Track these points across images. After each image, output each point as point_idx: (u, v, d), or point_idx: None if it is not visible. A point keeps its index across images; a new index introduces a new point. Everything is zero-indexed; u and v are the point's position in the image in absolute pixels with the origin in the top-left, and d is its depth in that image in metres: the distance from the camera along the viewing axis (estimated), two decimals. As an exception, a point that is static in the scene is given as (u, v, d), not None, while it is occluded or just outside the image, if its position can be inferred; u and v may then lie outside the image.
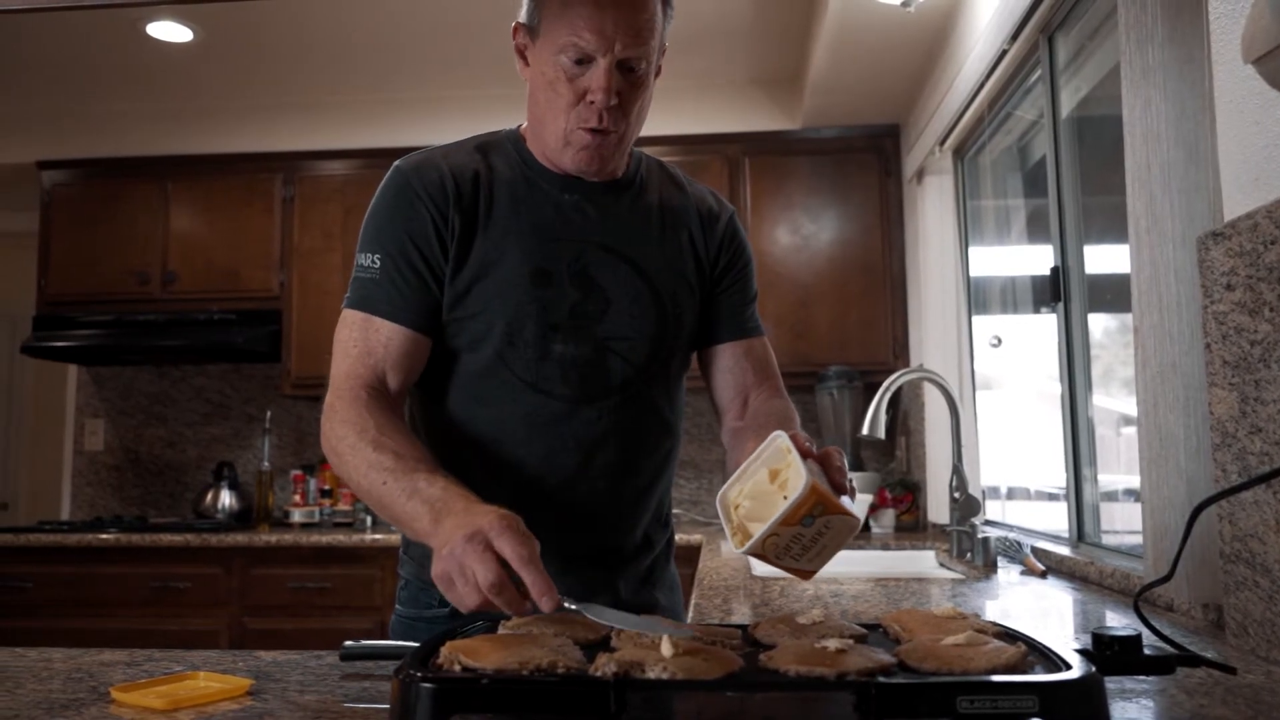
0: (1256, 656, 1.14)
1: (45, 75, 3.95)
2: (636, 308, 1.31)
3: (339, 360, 1.25)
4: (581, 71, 1.22)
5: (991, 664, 0.77)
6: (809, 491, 0.96)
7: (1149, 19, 1.51)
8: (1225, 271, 1.21)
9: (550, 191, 1.32)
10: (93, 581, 3.55)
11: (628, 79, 1.24)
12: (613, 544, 1.34)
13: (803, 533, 0.98)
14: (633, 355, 1.31)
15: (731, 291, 1.43)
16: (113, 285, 4.06)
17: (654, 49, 1.25)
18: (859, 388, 3.72)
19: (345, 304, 1.28)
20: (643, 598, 1.39)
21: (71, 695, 0.94)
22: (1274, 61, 0.92)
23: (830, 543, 1.01)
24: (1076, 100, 2.37)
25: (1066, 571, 2.02)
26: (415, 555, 1.37)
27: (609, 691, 0.73)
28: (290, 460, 4.26)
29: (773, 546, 0.98)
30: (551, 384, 1.27)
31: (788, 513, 0.96)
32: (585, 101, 1.23)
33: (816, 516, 0.97)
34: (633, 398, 1.31)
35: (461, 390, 1.30)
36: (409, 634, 1.34)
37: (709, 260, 1.40)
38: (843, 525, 0.99)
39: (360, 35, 3.63)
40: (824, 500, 0.97)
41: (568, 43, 1.21)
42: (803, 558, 1.01)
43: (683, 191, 1.42)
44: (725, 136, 3.93)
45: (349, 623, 3.38)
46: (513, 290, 1.26)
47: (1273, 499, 1.11)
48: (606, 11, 1.19)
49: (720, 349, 1.42)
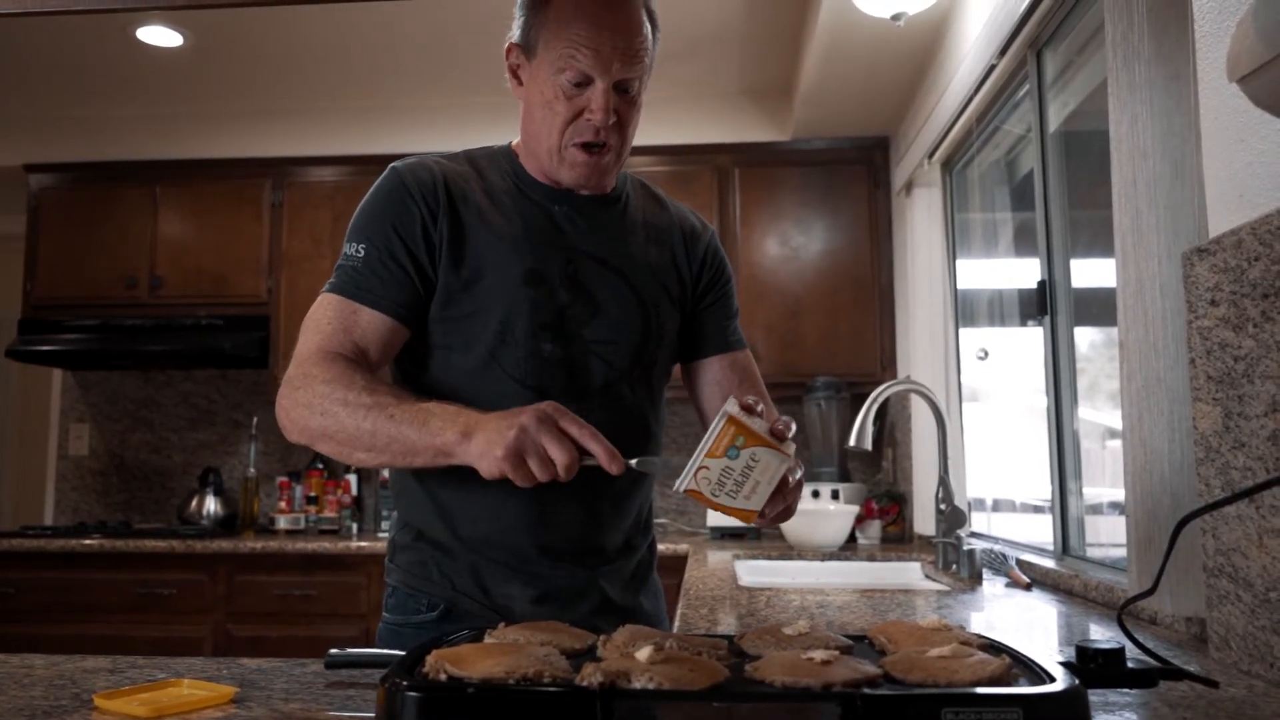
0: (1239, 670, 1.15)
1: (34, 78, 3.94)
2: (623, 314, 1.36)
3: (310, 336, 1.27)
4: (579, 92, 1.28)
5: (976, 676, 0.77)
6: (728, 421, 1.04)
7: (1136, 36, 1.53)
8: (1210, 287, 1.22)
9: (542, 202, 1.37)
10: (76, 587, 3.52)
11: (623, 99, 1.30)
12: (594, 544, 1.37)
13: (731, 466, 1.05)
14: (615, 359, 1.36)
15: (715, 307, 1.49)
16: (100, 289, 4.04)
17: (647, 69, 1.32)
18: (846, 399, 3.73)
19: (325, 289, 1.31)
20: (627, 601, 1.41)
21: (54, 702, 0.93)
22: (1258, 80, 0.93)
23: (762, 478, 1.06)
24: (1064, 115, 2.39)
25: (1051, 584, 2.03)
26: (402, 563, 1.38)
27: (595, 701, 0.73)
28: (276, 467, 4.24)
29: (705, 481, 1.05)
30: (539, 381, 1.31)
31: (711, 443, 1.04)
32: (583, 119, 1.28)
33: (741, 448, 1.04)
34: (615, 399, 1.36)
35: (454, 388, 1.32)
36: (396, 640, 1.35)
37: (691, 276, 1.46)
38: (772, 459, 1.06)
39: (351, 42, 3.63)
40: (744, 431, 1.04)
41: (567, 65, 1.26)
42: (738, 495, 1.06)
43: (665, 210, 1.49)
44: (715, 147, 3.95)
45: (334, 630, 3.37)
46: (507, 290, 1.30)
47: (1255, 514, 1.11)
48: (604, 34, 1.25)
49: (707, 362, 1.48)
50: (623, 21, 1.27)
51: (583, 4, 1.26)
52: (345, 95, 4.09)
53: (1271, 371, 1.09)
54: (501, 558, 1.33)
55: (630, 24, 1.27)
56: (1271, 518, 1.08)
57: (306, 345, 1.26)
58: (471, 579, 1.33)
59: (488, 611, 1.32)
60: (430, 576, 1.35)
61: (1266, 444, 1.09)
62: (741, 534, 3.59)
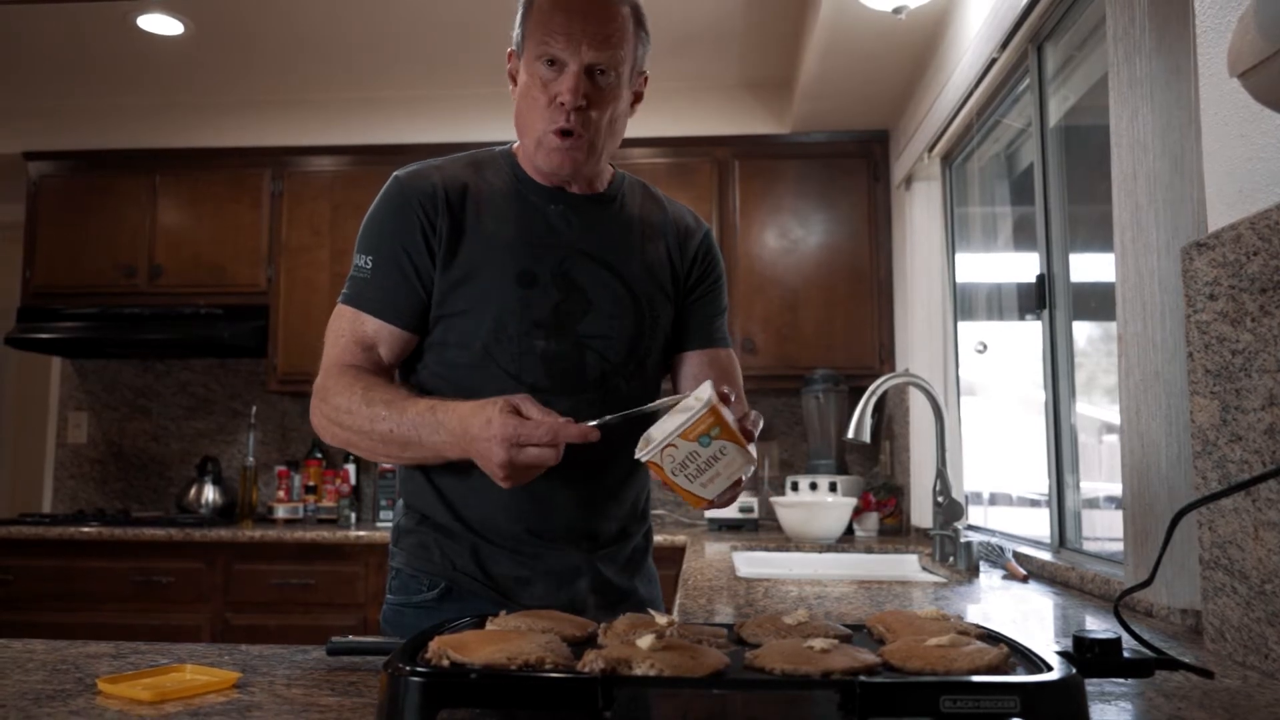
0: (1233, 661, 1.16)
1: (34, 66, 3.93)
2: (615, 309, 1.41)
3: (329, 348, 1.40)
4: (554, 76, 1.34)
5: (974, 665, 0.78)
6: (709, 409, 1.06)
7: (1137, 31, 1.53)
8: (1208, 281, 1.22)
9: (538, 203, 1.42)
10: (74, 575, 3.53)
11: (596, 84, 1.35)
12: (590, 530, 1.42)
13: (699, 452, 1.08)
14: (609, 352, 1.40)
15: (703, 303, 1.53)
16: (98, 278, 4.03)
17: (623, 59, 1.36)
18: (845, 391, 3.74)
19: (340, 299, 1.40)
20: (623, 584, 1.47)
21: (58, 686, 0.94)
22: (1258, 76, 0.93)
23: (724, 471, 1.10)
24: (1064, 109, 2.39)
25: (1048, 576, 2.04)
26: (406, 546, 1.44)
27: (596, 688, 0.73)
28: (275, 456, 4.24)
29: (670, 459, 1.08)
30: (533, 376, 1.37)
31: (688, 426, 1.07)
32: (556, 104, 1.34)
33: (714, 438, 1.07)
34: (610, 392, 1.40)
35: (450, 382, 1.39)
36: (398, 620, 1.42)
37: (683, 272, 1.51)
38: (738, 456, 1.09)
39: (351, 32, 3.62)
40: (722, 424, 1.07)
41: (542, 50, 1.33)
42: (696, 480, 1.10)
43: (662, 209, 1.53)
44: (715, 139, 3.95)
45: (332, 619, 3.38)
46: (500, 290, 1.36)
47: (1251, 506, 1.12)
48: (575, 20, 1.32)
49: (688, 356, 1.52)
50: (596, 9, 1.33)
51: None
52: (345, 85, 4.09)
53: (1269, 365, 1.09)
54: (500, 540, 1.39)
55: (604, 12, 1.34)
56: (1267, 510, 1.09)
57: (327, 358, 1.39)
58: (472, 559, 1.39)
59: (487, 590, 1.38)
60: (432, 558, 1.41)
61: (1263, 437, 1.10)
62: (739, 525, 3.60)
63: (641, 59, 1.41)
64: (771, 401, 4.08)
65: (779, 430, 4.09)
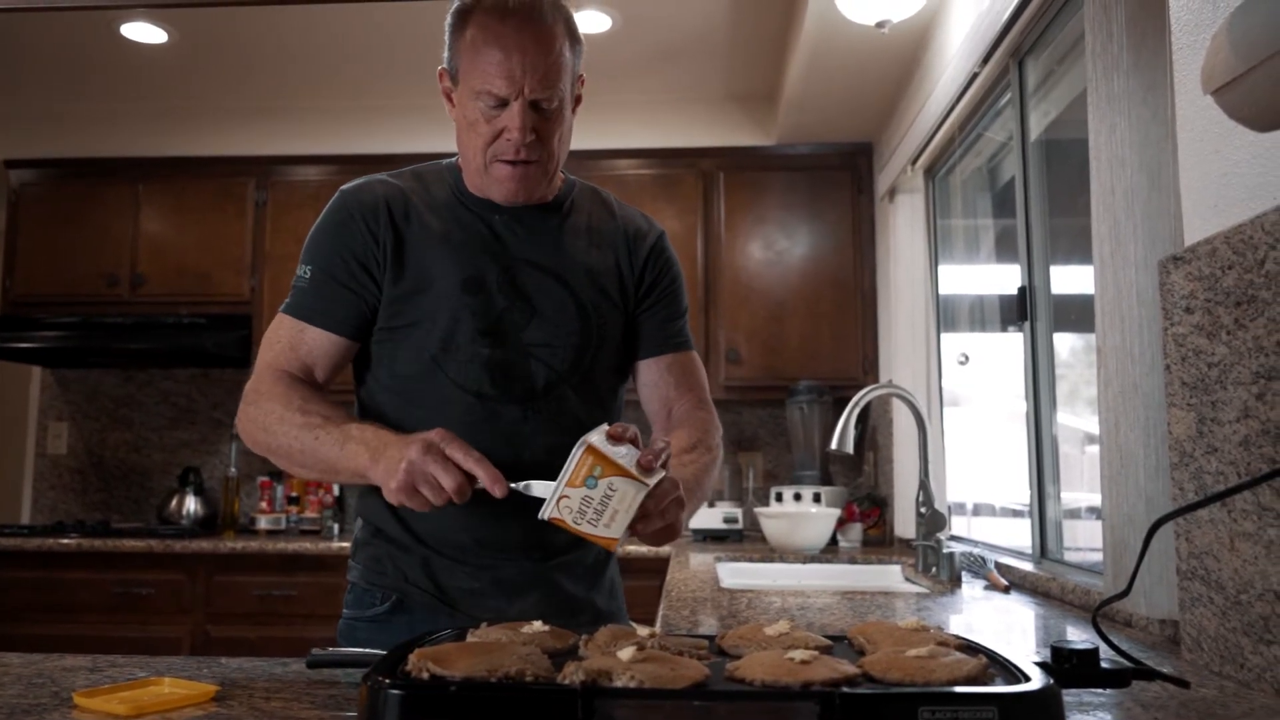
0: (1210, 671, 1.17)
1: (15, 74, 3.91)
2: (561, 317, 1.40)
3: (264, 352, 1.39)
4: (497, 113, 1.31)
5: (953, 675, 0.79)
6: (585, 450, 1.08)
7: (1115, 48, 1.55)
8: (1185, 295, 1.24)
9: (481, 213, 1.41)
10: (53, 586, 3.49)
11: (542, 114, 1.32)
12: (540, 540, 1.39)
13: (590, 495, 1.09)
14: (555, 361, 1.39)
15: (656, 309, 1.50)
16: (80, 287, 4.00)
17: (565, 86, 1.33)
18: (829, 402, 3.75)
19: (281, 309, 1.41)
20: (580, 594, 1.45)
21: (33, 700, 0.93)
22: (1232, 93, 0.95)
23: (620, 506, 1.10)
24: (1045, 124, 2.41)
25: (1029, 587, 2.05)
26: (361, 559, 1.44)
27: (577, 699, 0.74)
28: (257, 467, 4.22)
29: (568, 510, 1.10)
30: (480, 385, 1.36)
31: (570, 473, 1.09)
32: (503, 139, 1.32)
33: (599, 478, 1.08)
34: (557, 400, 1.39)
35: (398, 394, 1.39)
36: (351, 635, 1.42)
37: (634, 278, 1.48)
38: (628, 488, 1.09)
39: (336, 42, 3.62)
40: (601, 460, 1.08)
41: (482, 89, 1.30)
42: (599, 524, 1.10)
43: (613, 216, 1.51)
44: (700, 151, 3.96)
45: (315, 631, 3.34)
46: (448, 298, 1.36)
47: (1227, 517, 1.13)
48: (513, 56, 1.28)
49: (645, 364, 1.51)
50: (531, 42, 1.28)
51: (492, 29, 1.29)
52: (330, 94, 4.08)
53: (1243, 378, 1.11)
54: (450, 552, 1.38)
55: (540, 43, 1.28)
56: (1243, 521, 1.10)
57: (261, 362, 1.38)
58: (423, 571, 1.39)
59: (436, 603, 1.38)
60: (385, 570, 1.41)
61: (1238, 449, 1.11)
62: (724, 536, 3.60)
63: (578, 67, 1.37)
64: (756, 412, 4.09)
65: (763, 441, 4.10)
